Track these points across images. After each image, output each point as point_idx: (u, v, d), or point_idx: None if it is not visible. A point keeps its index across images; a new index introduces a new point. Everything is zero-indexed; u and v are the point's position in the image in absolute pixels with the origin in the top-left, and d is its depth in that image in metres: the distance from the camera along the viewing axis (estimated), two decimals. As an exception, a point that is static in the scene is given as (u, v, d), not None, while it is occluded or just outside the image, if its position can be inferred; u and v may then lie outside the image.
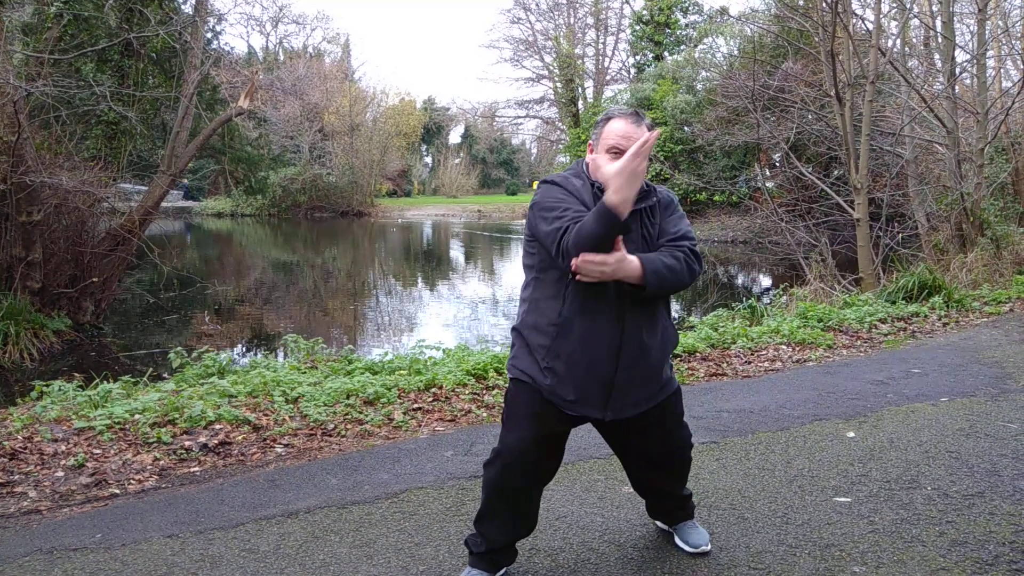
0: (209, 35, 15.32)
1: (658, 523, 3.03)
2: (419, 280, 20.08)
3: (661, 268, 2.37)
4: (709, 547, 2.84)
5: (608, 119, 2.52)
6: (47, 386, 5.19)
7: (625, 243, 2.33)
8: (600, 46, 43.97)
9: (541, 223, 2.42)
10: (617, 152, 2.40)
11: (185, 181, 38.38)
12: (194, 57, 12.01)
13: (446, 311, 14.22)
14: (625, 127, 2.45)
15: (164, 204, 14.40)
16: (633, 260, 2.33)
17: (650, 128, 2.44)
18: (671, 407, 2.69)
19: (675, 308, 14.69)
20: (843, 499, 3.34)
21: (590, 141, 2.59)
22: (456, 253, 28.03)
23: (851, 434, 4.21)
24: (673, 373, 2.71)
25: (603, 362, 2.44)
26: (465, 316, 13.42)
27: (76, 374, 6.58)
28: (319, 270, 21.51)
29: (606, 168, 2.32)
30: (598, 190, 2.44)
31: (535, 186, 2.61)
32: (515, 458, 2.51)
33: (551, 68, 44.66)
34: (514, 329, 2.65)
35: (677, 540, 2.90)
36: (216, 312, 13.84)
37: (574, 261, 2.29)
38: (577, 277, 2.33)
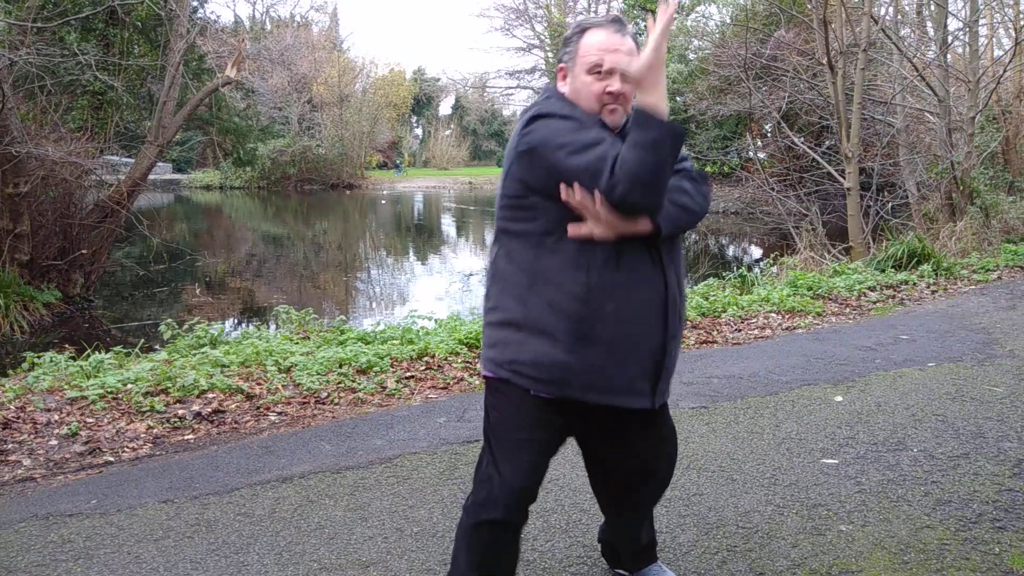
0: (195, 3, 15.06)
1: (619, 572, 2.50)
2: (410, 252, 20.06)
3: (669, 208, 1.89)
4: None
5: (583, 31, 1.97)
6: (38, 357, 5.18)
7: None
8: (591, 15, 43.52)
9: (566, 158, 1.82)
10: (601, 71, 1.91)
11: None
12: (180, 26, 11.82)
13: (437, 283, 14.22)
14: (607, 38, 1.92)
15: (152, 176, 14.28)
16: None
17: (634, 38, 1.96)
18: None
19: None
20: (830, 461, 3.39)
21: (561, 64, 2.01)
22: (447, 225, 27.97)
23: (839, 398, 4.26)
24: None
25: (653, 335, 1.94)
26: (456, 287, 13.42)
27: (67, 346, 6.57)
28: (309, 243, 21.44)
29: (634, 66, 1.80)
30: (602, 124, 1.92)
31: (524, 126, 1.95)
32: (519, 498, 2.04)
33: (542, 37, 44.22)
34: (495, 311, 2.02)
35: None
36: (207, 285, 13.79)
37: (579, 200, 1.83)
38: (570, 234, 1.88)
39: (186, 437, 3.97)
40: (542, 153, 1.86)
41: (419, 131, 61.06)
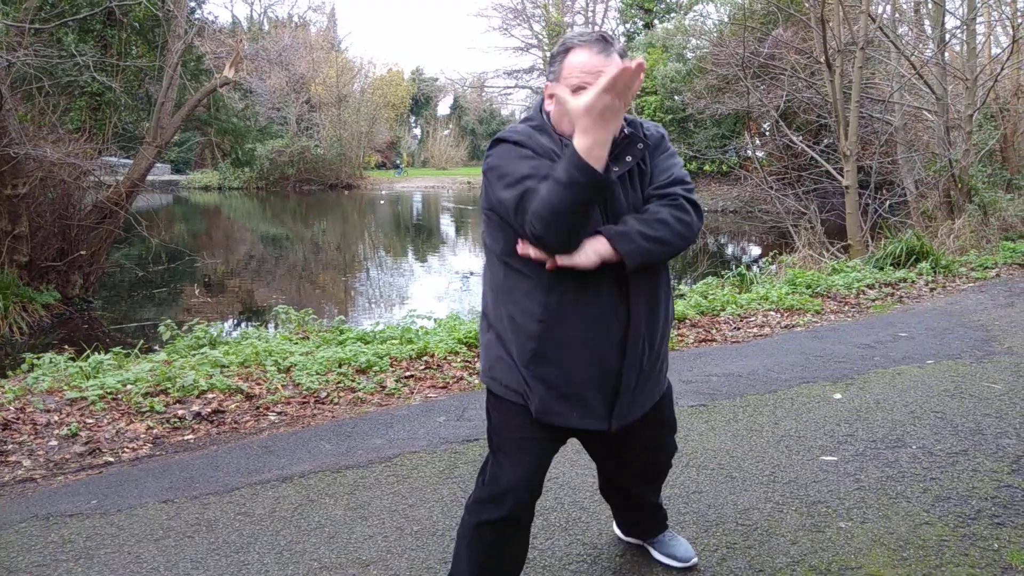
0: (192, 4, 15.07)
1: (630, 539, 2.66)
2: (409, 252, 20.05)
3: (638, 241, 1.85)
4: (697, 559, 2.54)
5: (567, 50, 1.91)
6: (38, 358, 5.18)
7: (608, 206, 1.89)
8: (589, 14, 43.56)
9: (499, 189, 1.88)
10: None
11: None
12: (178, 26, 11.81)
13: (436, 283, 14.22)
14: (590, 59, 1.86)
15: (150, 177, 14.28)
16: (597, 241, 1.84)
17: (622, 56, 1.89)
18: (667, 404, 2.27)
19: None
20: (830, 458, 3.39)
21: (547, 82, 1.98)
22: (446, 225, 27.96)
23: (838, 396, 4.27)
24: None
25: (606, 361, 1.96)
26: (455, 287, 13.43)
27: (66, 347, 6.57)
28: (308, 243, 21.43)
29: (570, 103, 1.75)
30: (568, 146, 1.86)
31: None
32: (524, 492, 2.07)
33: (540, 37, 44.28)
34: (484, 317, 2.11)
35: (659, 555, 2.56)
36: (206, 285, 13.80)
37: (519, 248, 1.89)
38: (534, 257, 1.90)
39: (186, 437, 3.97)
40: (490, 178, 1.92)
41: (417, 131, 61.02)
